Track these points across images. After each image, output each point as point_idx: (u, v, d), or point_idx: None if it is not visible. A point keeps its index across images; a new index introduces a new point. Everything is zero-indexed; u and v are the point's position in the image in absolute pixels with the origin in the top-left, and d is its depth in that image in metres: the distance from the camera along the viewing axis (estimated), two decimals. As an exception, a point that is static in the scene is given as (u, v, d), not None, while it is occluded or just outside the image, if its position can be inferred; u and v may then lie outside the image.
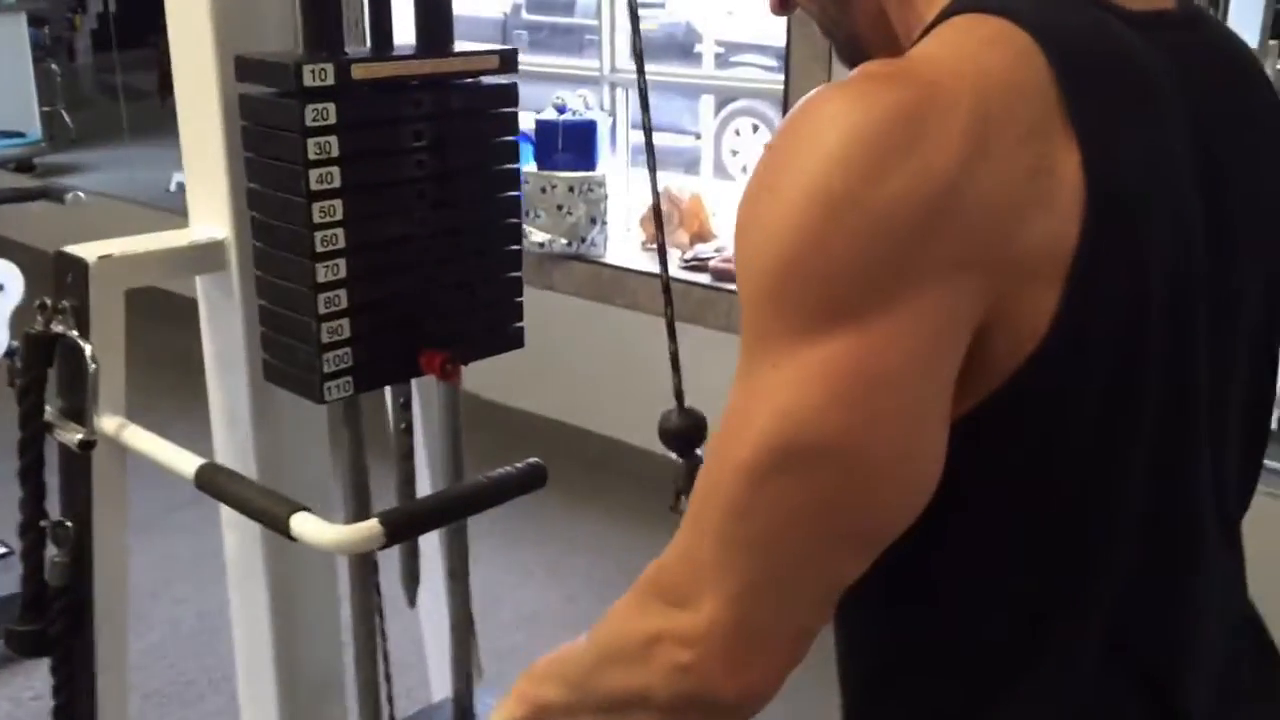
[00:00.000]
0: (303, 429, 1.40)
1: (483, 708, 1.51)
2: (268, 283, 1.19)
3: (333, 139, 1.10)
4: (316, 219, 1.10)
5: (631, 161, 3.83)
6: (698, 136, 5.92)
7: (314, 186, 1.09)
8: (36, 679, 2.40)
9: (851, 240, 0.62)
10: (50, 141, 6.26)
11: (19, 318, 2.58)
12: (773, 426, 0.64)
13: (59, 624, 1.30)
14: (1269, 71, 3.32)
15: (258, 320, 1.25)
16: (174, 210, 5.04)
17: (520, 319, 1.33)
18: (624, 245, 3.68)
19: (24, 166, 5.91)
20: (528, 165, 3.56)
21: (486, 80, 1.24)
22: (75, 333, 1.24)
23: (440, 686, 1.64)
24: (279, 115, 1.11)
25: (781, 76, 3.20)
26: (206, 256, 1.32)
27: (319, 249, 1.11)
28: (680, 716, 0.70)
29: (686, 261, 3.48)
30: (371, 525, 1.08)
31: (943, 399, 0.64)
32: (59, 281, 1.27)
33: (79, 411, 1.26)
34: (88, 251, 1.26)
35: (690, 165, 5.57)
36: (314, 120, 1.08)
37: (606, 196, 3.58)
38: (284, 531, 1.09)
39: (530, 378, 3.81)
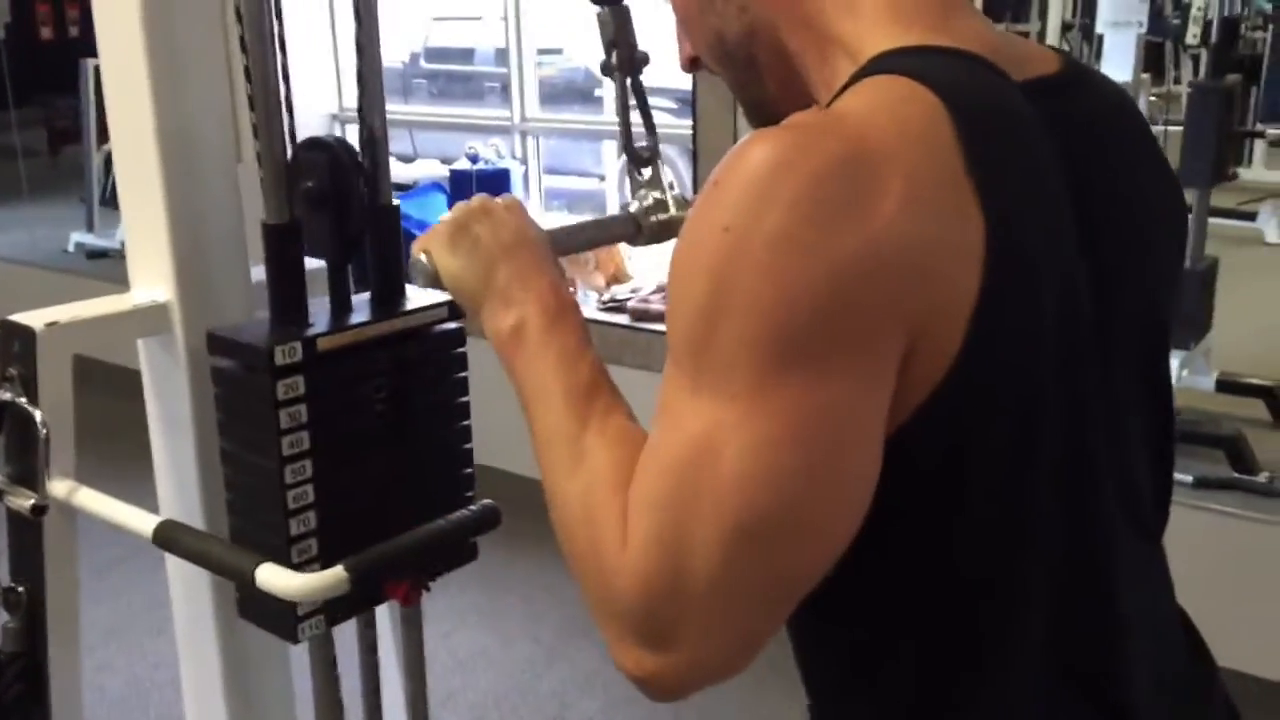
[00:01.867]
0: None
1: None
2: (242, 534, 1.22)
3: (302, 407, 1.15)
4: (288, 480, 1.15)
5: (545, 207, 3.90)
6: (601, 179, 6.02)
7: (285, 452, 1.14)
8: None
9: (819, 287, 0.66)
10: (-62, 204, 6.09)
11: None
12: (751, 471, 0.67)
13: (14, 690, 1.30)
14: (1141, 104, 3.55)
15: (203, 385, 1.26)
16: (76, 272, 4.97)
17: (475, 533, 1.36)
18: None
19: (-87, 230, 5.73)
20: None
21: (437, 329, 1.29)
22: (24, 399, 1.25)
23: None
24: (251, 390, 1.16)
25: (680, 120, 3.30)
26: (151, 319, 1.34)
27: (291, 506, 1.16)
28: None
29: (604, 303, 3.55)
30: (337, 572, 1.11)
31: (882, 429, 0.70)
32: (4, 349, 1.28)
33: (29, 477, 1.27)
34: (34, 319, 1.27)
35: (596, 208, 5.65)
36: (284, 395, 1.13)
37: (521, 242, 3.63)
38: (249, 583, 1.11)
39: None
